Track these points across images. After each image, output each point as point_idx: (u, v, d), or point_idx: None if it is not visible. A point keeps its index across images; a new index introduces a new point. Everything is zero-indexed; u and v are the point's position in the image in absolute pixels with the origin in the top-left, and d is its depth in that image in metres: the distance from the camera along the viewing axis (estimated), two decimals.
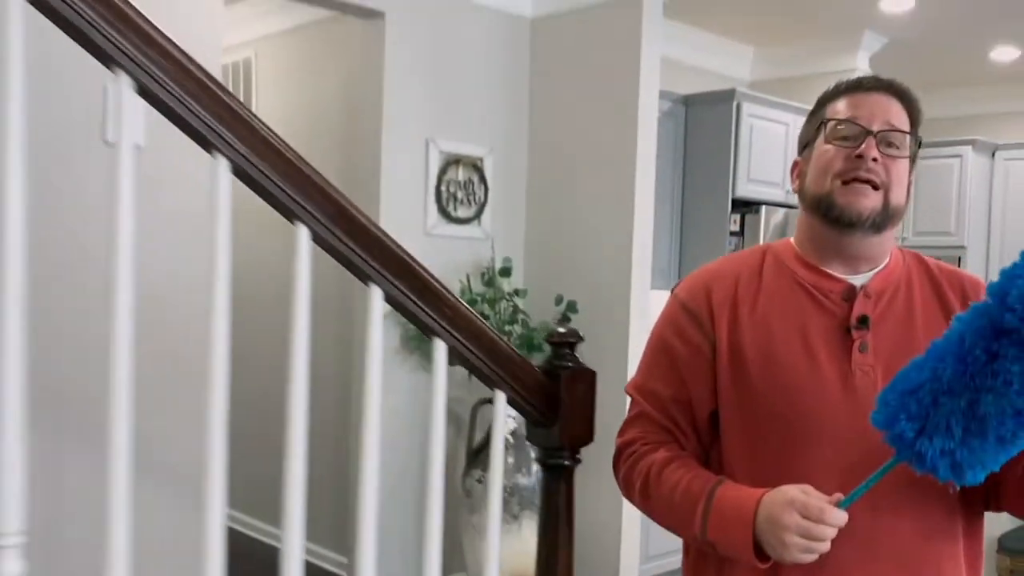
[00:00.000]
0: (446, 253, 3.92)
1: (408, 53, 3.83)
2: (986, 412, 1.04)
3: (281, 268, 1.72)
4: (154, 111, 1.26)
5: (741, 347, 1.32)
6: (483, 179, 4.09)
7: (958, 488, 1.11)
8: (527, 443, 3.37)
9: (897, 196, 1.30)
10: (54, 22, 1.16)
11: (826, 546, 1.16)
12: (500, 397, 1.69)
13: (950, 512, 1.27)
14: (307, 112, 4.36)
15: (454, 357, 1.59)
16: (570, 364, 1.74)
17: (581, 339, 1.77)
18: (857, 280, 1.32)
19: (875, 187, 1.27)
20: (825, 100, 1.37)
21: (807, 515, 1.15)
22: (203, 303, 1.31)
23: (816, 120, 1.36)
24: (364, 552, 1.54)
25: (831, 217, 1.29)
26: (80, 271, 2.06)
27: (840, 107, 1.33)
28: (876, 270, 1.33)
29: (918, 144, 1.35)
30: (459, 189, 4.00)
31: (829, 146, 1.31)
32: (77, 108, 2.15)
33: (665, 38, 4.15)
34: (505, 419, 1.73)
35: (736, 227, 4.56)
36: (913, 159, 1.34)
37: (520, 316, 3.97)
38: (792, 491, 1.18)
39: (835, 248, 1.32)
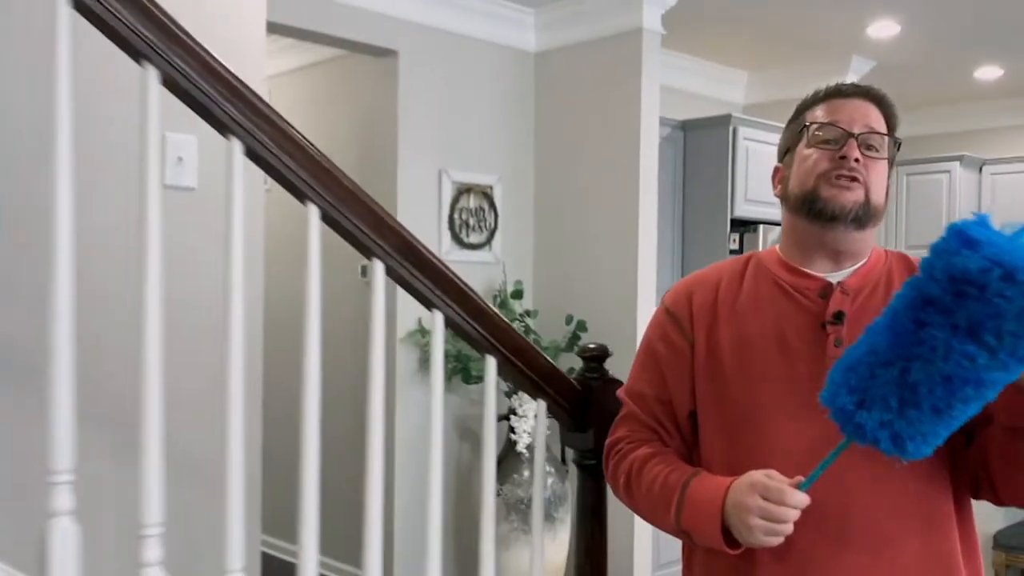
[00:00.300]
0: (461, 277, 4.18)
1: (420, 88, 4.12)
2: (916, 380, 1.07)
3: (348, 301, 1.98)
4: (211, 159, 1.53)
5: (718, 346, 1.39)
6: (493, 206, 4.38)
7: (903, 462, 1.13)
8: (548, 454, 3.62)
9: (877, 195, 1.36)
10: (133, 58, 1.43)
11: (788, 528, 1.21)
12: (541, 406, 1.95)
13: (930, 498, 1.29)
14: (323, 146, 4.62)
15: (502, 371, 1.86)
16: (599, 375, 2.01)
17: (610, 354, 2.04)
18: (835, 277, 1.37)
19: (859, 182, 1.33)
20: (805, 107, 1.43)
21: (767, 497, 1.21)
22: (292, 331, 1.57)
23: (797, 126, 1.42)
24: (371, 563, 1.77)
25: (815, 210, 1.34)
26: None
27: (821, 112, 1.39)
28: (855, 267, 1.38)
29: (896, 146, 1.40)
30: (471, 216, 4.29)
31: (812, 150, 1.37)
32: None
33: (663, 66, 4.45)
34: (545, 426, 1.99)
35: (735, 245, 4.85)
36: (891, 162, 1.40)
37: (532, 336, 4.24)
38: (755, 475, 1.24)
39: (818, 243, 1.37)
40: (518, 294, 4.27)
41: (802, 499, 1.20)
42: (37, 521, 1.37)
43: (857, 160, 1.33)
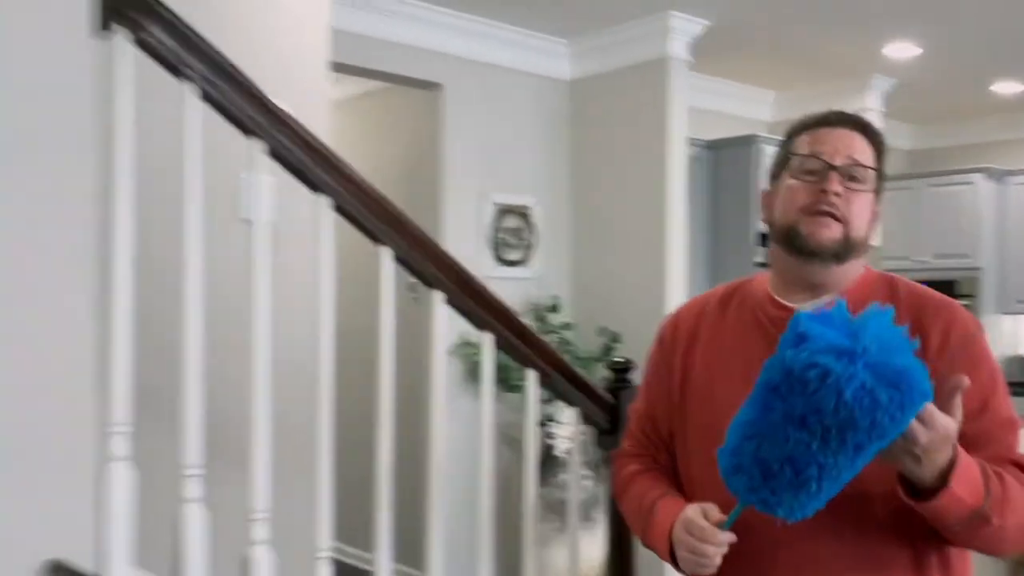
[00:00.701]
0: (500, 293, 4.52)
1: (463, 117, 4.50)
2: (768, 457, 1.11)
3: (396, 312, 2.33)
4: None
5: (691, 373, 1.46)
6: (531, 226, 4.73)
7: (788, 522, 1.15)
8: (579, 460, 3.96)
9: (857, 229, 1.37)
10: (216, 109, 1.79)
11: (712, 562, 1.27)
12: (576, 413, 2.30)
13: (874, 545, 1.30)
14: (372, 173, 5.02)
15: (541, 382, 2.21)
16: (626, 385, 2.35)
17: (635, 366, 2.38)
18: (808, 307, 1.33)
19: (836, 219, 1.35)
20: (793, 132, 1.45)
21: (691, 533, 1.28)
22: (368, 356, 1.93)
23: (783, 153, 1.45)
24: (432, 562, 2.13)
25: (795, 246, 1.36)
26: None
27: (805, 142, 1.41)
28: (829, 297, 1.38)
29: (881, 178, 1.42)
30: (510, 236, 4.65)
31: (794, 181, 1.39)
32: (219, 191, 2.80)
33: (693, 89, 4.79)
34: (580, 432, 2.34)
35: (763, 259, 5.17)
36: (879, 191, 1.42)
37: (568, 347, 4.58)
38: (689, 510, 1.31)
39: (797, 276, 1.40)
40: (555, 308, 4.62)
41: (724, 538, 1.25)
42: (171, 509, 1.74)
43: (837, 194, 1.34)
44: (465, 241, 4.50)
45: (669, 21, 4.48)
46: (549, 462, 4.31)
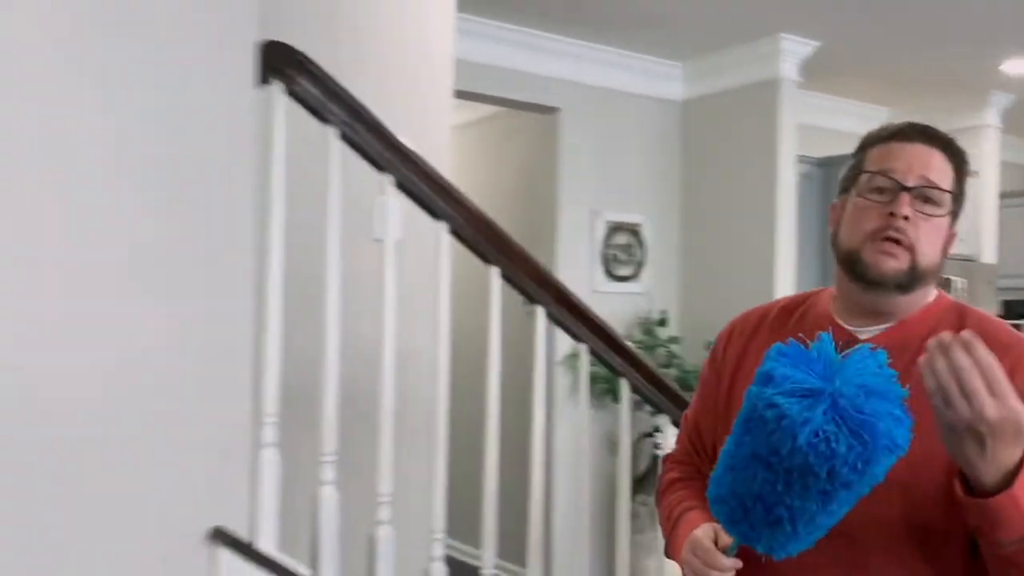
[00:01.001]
0: (610, 307, 4.77)
1: (578, 139, 4.77)
2: (741, 492, 1.07)
3: (511, 323, 2.61)
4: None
5: (737, 388, 1.37)
6: (641, 242, 4.96)
7: (774, 558, 1.10)
8: None
9: (926, 256, 1.27)
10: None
11: None
12: (667, 421, 2.52)
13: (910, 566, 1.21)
14: (490, 192, 5.35)
15: (636, 391, 2.44)
16: None
17: None
18: (865, 333, 1.30)
19: (903, 246, 1.26)
20: (866, 145, 1.35)
21: (697, 555, 1.24)
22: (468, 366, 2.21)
23: (855, 166, 1.35)
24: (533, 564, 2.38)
25: (856, 273, 1.28)
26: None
27: (877, 156, 1.31)
28: (890, 324, 1.31)
29: (959, 200, 1.31)
30: (621, 252, 4.88)
31: (861, 200, 1.29)
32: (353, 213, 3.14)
33: (802, 106, 4.93)
34: (672, 440, 2.55)
35: None
36: (955, 214, 1.31)
37: (675, 360, 4.78)
38: (699, 530, 1.27)
39: (857, 303, 1.32)
40: (662, 322, 4.83)
41: (728, 563, 1.20)
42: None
43: (907, 218, 1.24)
44: (577, 257, 4.76)
45: (780, 44, 4.65)
46: (655, 471, 4.51)
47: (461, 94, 4.46)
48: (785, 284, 4.69)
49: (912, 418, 1.02)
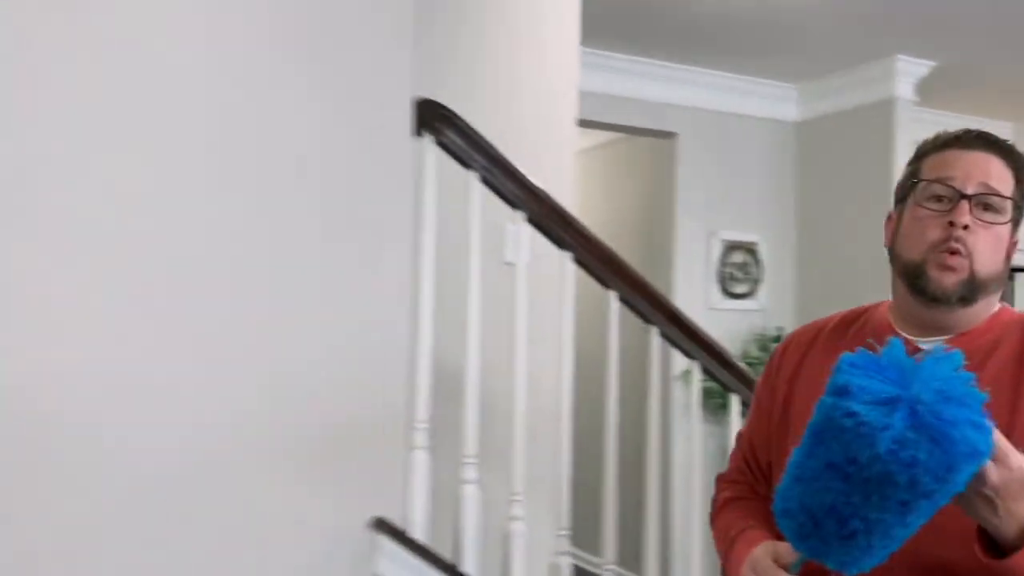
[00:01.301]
0: (726, 324, 5.00)
1: (695, 162, 5.02)
2: (811, 505, 1.03)
3: (629, 338, 2.89)
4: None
5: (792, 405, 1.37)
6: (757, 260, 5.15)
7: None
8: None
9: (985, 266, 1.25)
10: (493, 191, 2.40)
11: None
12: None
13: None
14: (611, 213, 5.64)
15: (746, 406, 2.68)
16: None
17: None
18: (926, 344, 1.26)
19: (962, 256, 1.24)
20: (922, 153, 1.34)
21: (756, 573, 1.20)
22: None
23: (911, 175, 1.33)
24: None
25: (918, 287, 1.26)
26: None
27: (935, 164, 1.29)
28: (951, 336, 1.29)
29: (1021, 207, 1.28)
30: (737, 270, 5.09)
31: (921, 209, 1.27)
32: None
33: (918, 122, 5.03)
34: None
35: None
36: (1016, 222, 1.29)
37: None
38: (760, 548, 1.22)
39: (918, 316, 1.30)
40: (779, 339, 4.99)
41: None
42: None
43: (966, 227, 1.23)
44: (694, 275, 5.00)
45: (895, 64, 4.79)
46: None
47: (583, 123, 4.77)
48: None
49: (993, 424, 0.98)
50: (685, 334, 2.56)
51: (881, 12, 4.18)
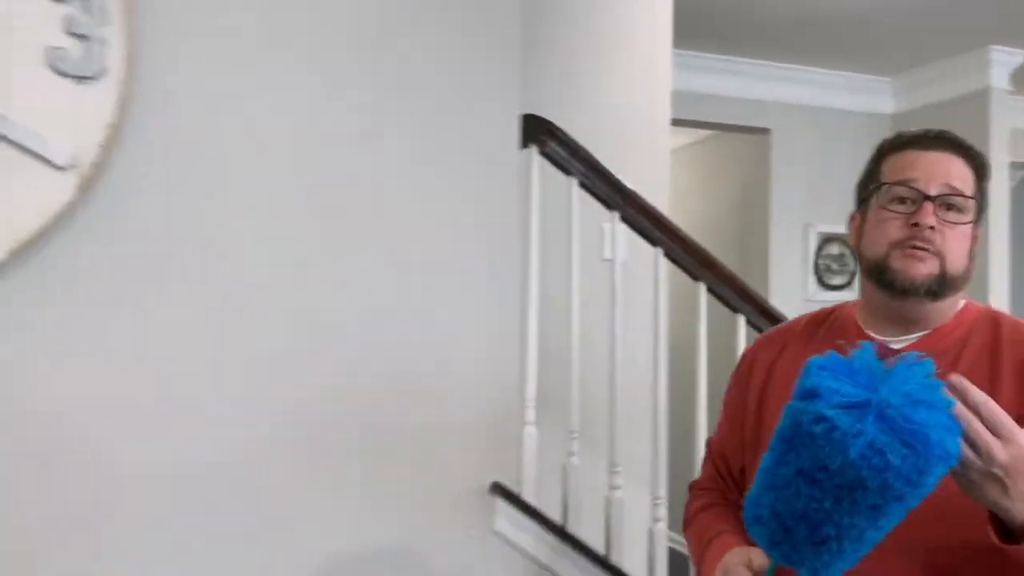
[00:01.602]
0: None
1: (789, 156, 5.23)
2: (782, 512, 1.03)
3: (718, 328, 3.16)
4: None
5: (764, 409, 1.38)
6: (854, 252, 5.31)
7: None
8: None
9: (954, 263, 1.27)
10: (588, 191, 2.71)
11: None
12: None
13: None
14: (708, 208, 5.89)
15: None
16: None
17: None
18: (898, 344, 1.29)
19: (931, 254, 1.26)
20: (882, 153, 1.36)
21: None
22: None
23: (872, 175, 1.35)
24: None
25: (885, 281, 1.28)
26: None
27: (896, 165, 1.31)
28: (923, 333, 1.31)
29: (982, 206, 1.30)
30: (833, 262, 5.28)
31: (885, 211, 1.29)
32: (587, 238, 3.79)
33: (1017, 112, 5.12)
34: None
35: None
36: (978, 221, 1.31)
37: None
38: (730, 554, 1.23)
39: (887, 313, 1.31)
40: None
41: None
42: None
43: (932, 227, 1.25)
44: (790, 268, 5.21)
45: (989, 55, 4.91)
46: None
47: (679, 121, 5.03)
48: (999, 292, 4.92)
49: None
50: (771, 322, 2.82)
51: (973, 3, 4.30)
